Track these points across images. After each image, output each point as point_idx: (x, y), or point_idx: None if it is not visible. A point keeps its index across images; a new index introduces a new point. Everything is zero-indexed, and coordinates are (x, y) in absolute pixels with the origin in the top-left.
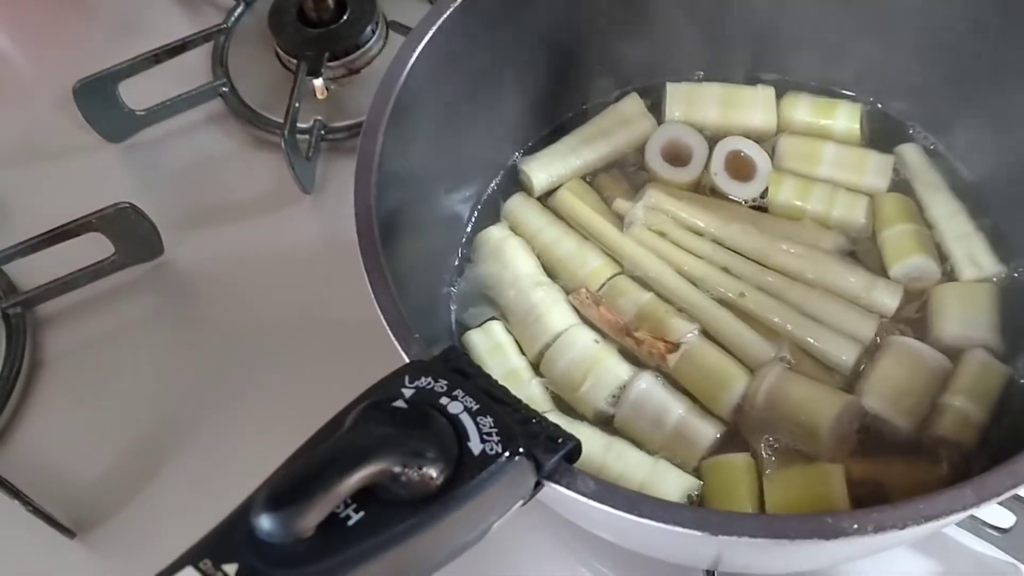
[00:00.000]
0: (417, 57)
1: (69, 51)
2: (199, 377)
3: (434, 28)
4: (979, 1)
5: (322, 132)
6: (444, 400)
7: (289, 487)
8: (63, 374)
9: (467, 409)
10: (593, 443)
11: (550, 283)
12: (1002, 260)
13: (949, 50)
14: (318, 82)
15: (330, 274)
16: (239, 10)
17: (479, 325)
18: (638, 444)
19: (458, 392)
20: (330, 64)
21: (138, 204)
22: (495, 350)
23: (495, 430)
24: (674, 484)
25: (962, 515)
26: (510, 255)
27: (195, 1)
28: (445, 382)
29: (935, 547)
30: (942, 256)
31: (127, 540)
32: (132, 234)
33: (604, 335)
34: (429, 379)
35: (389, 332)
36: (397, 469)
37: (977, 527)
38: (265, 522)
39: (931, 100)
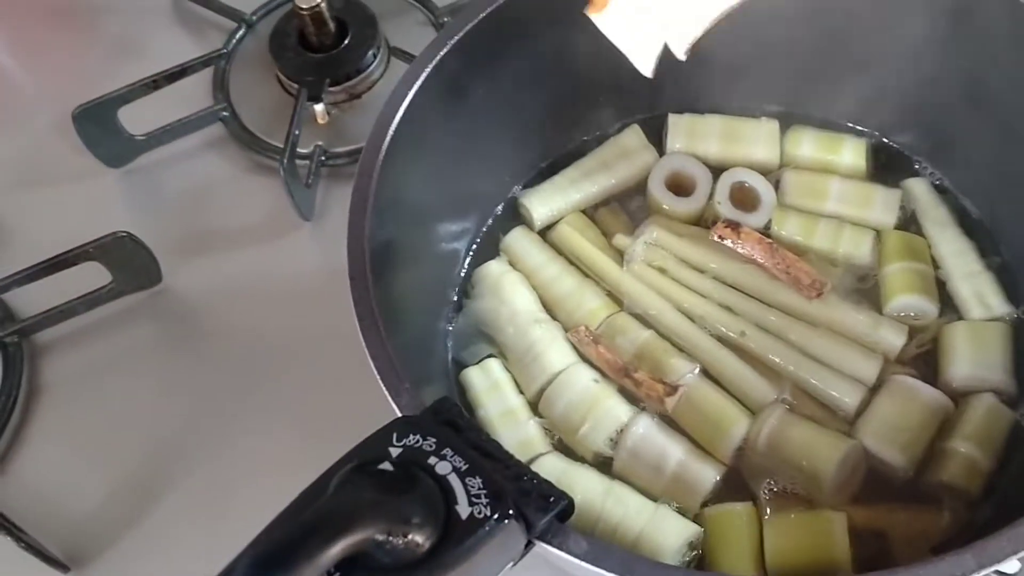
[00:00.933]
0: (414, 94)
1: (70, 75)
2: (197, 405)
3: (431, 65)
4: (986, 37)
5: (322, 158)
6: (432, 460)
7: (270, 559)
8: (60, 402)
9: (455, 469)
10: (593, 487)
11: (549, 320)
12: (1010, 300)
13: (954, 85)
14: (319, 107)
15: (330, 301)
16: (240, 34)
17: (477, 363)
18: (639, 489)
19: (447, 451)
20: (331, 89)
21: (137, 230)
22: (492, 388)
23: (484, 492)
24: (674, 532)
25: None
26: (509, 291)
27: (198, 24)
28: (434, 440)
29: None
30: (949, 295)
31: (121, 574)
32: (130, 263)
33: (604, 374)
34: (418, 437)
35: (380, 382)
36: (381, 537)
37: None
38: None
39: (937, 135)
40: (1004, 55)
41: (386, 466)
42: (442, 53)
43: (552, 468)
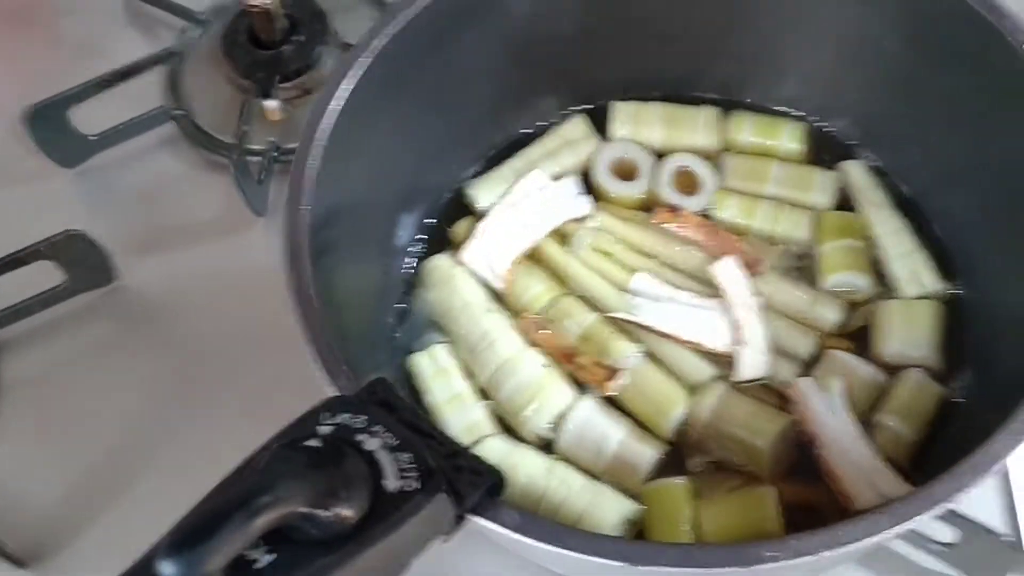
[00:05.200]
0: (351, 83)
1: (22, 77)
2: (156, 401)
3: (366, 54)
4: (914, 19)
5: (275, 154)
6: (361, 437)
7: (192, 532)
8: (18, 400)
9: (385, 445)
10: (536, 468)
11: (500, 309)
12: (944, 277)
13: (887, 70)
14: (271, 104)
15: (283, 295)
16: (192, 33)
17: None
18: (583, 470)
19: (378, 428)
20: (283, 85)
21: (92, 229)
22: (439, 374)
23: (413, 466)
24: (614, 510)
25: (877, 540)
26: (460, 282)
27: (152, 24)
28: (365, 417)
29: (883, 563)
30: (885, 273)
31: (79, 571)
32: (83, 261)
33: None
34: (348, 415)
35: (317, 366)
36: (306, 510)
37: (924, 543)
38: (168, 568)
39: (871, 118)
40: (933, 40)
41: (314, 442)
42: (377, 42)
43: (497, 449)
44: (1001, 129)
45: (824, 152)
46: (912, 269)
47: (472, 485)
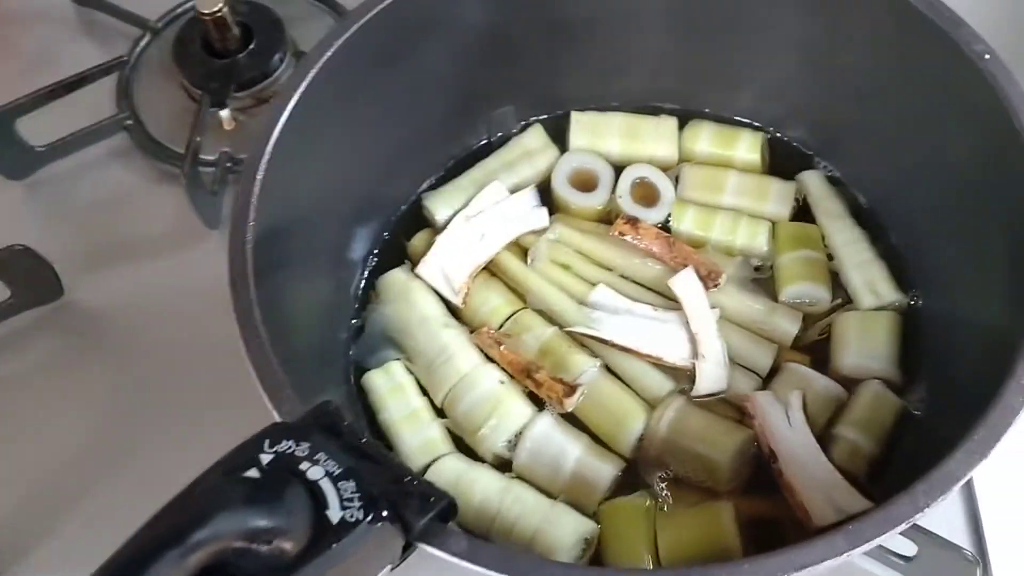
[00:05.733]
0: (300, 94)
1: None
2: (104, 418)
3: (317, 66)
4: (869, 30)
5: (229, 164)
6: (304, 465)
7: (122, 570)
8: None
9: (328, 474)
10: (491, 487)
11: (458, 324)
12: (900, 288)
13: (843, 81)
14: (224, 113)
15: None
16: (144, 41)
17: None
18: (540, 489)
19: (321, 455)
20: (237, 95)
21: (41, 242)
22: (395, 391)
23: (357, 495)
24: (570, 528)
25: (836, 561)
26: (417, 296)
27: (105, 33)
28: (308, 445)
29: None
30: (842, 284)
31: None
32: (28, 276)
33: (512, 375)
34: (291, 443)
35: (261, 390)
36: (241, 545)
37: (884, 556)
38: None
39: (828, 129)
40: (887, 51)
41: (253, 473)
42: (330, 52)
43: (452, 469)
44: (957, 139)
45: (782, 162)
46: (869, 279)
47: (420, 511)
